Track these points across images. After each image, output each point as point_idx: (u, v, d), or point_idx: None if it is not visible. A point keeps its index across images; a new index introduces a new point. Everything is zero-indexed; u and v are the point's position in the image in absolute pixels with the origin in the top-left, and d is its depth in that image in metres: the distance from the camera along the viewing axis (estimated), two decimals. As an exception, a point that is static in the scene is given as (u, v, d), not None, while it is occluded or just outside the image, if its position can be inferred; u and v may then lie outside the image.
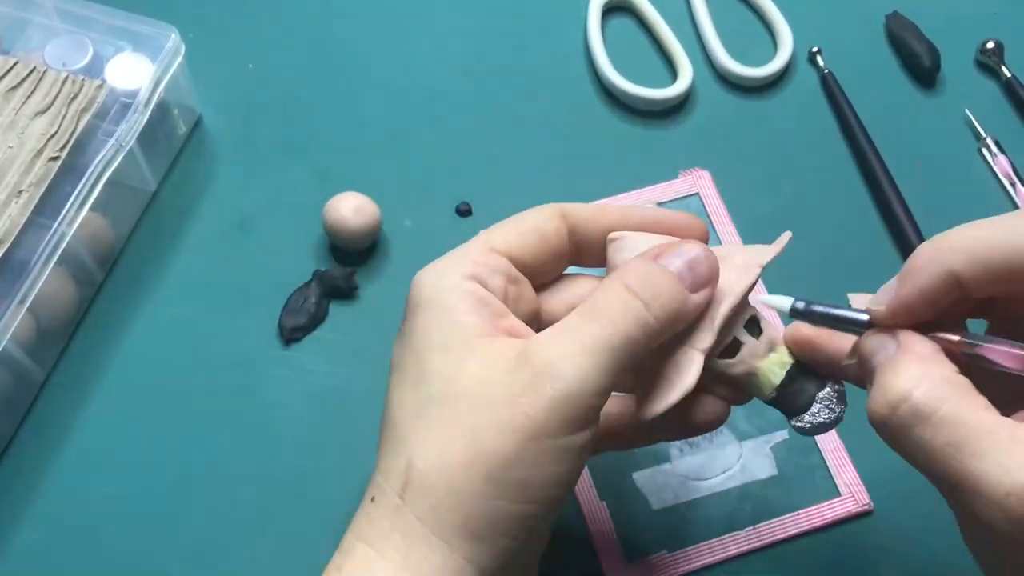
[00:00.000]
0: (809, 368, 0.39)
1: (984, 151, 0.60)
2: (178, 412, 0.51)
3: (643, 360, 0.37)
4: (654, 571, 0.48)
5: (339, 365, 0.53)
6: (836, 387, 0.39)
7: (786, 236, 0.40)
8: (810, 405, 0.39)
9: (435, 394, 0.36)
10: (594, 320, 0.35)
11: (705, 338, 0.37)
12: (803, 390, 0.39)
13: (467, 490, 0.35)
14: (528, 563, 0.40)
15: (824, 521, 0.50)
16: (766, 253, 0.40)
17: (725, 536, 0.49)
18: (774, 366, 0.39)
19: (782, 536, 0.49)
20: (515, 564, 0.37)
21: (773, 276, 0.56)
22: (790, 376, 0.39)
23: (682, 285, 0.36)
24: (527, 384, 0.35)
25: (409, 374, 0.37)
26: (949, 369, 0.33)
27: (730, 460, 0.51)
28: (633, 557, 0.49)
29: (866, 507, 0.50)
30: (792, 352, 0.39)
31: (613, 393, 0.37)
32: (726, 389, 0.40)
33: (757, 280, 0.39)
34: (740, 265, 0.39)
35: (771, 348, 0.39)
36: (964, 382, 0.33)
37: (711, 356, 0.38)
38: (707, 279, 0.37)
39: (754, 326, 0.39)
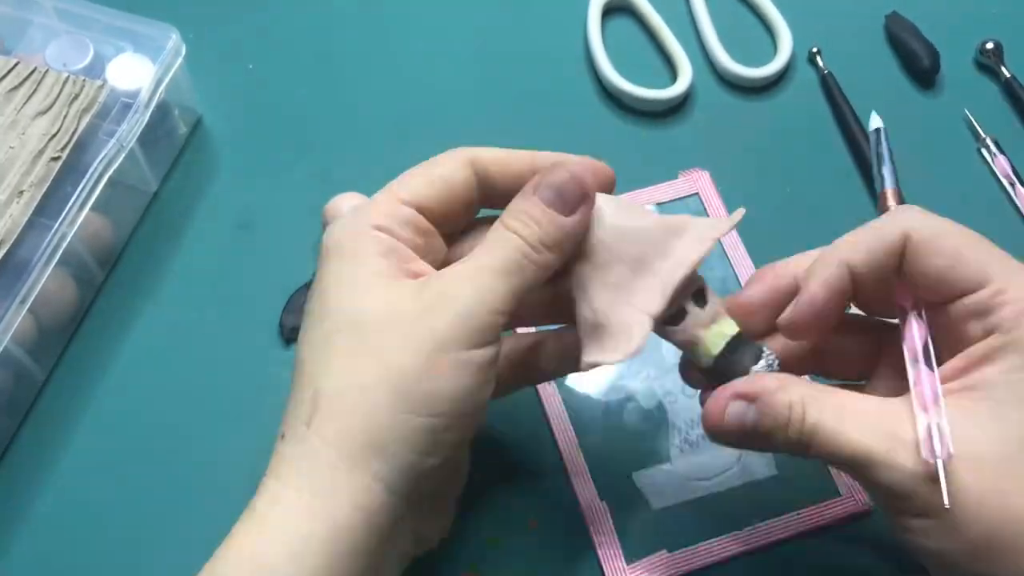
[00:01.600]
0: (748, 341, 0.41)
1: (983, 151, 0.60)
2: (179, 412, 0.52)
3: (582, 305, 0.40)
4: (654, 571, 0.48)
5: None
6: (771, 358, 0.41)
7: (740, 212, 0.42)
8: (744, 374, 0.40)
9: (341, 325, 0.38)
10: (484, 253, 0.38)
11: (655, 302, 0.39)
12: (739, 360, 0.40)
13: (373, 406, 0.36)
14: (439, 503, 0.42)
15: (824, 521, 0.50)
16: (720, 226, 0.41)
17: (725, 536, 0.49)
18: (716, 337, 0.40)
19: (782, 536, 0.49)
20: (426, 494, 0.39)
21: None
22: (729, 347, 0.40)
23: (553, 211, 0.38)
24: (429, 305, 0.37)
25: (315, 314, 0.39)
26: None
27: (730, 460, 0.51)
28: (633, 557, 0.49)
29: (865, 507, 0.50)
30: (736, 323, 0.41)
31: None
32: None
33: (708, 252, 0.40)
34: (694, 237, 0.40)
35: (714, 320, 0.41)
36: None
37: (660, 318, 0.40)
38: (577, 200, 0.39)
39: (700, 297, 0.41)
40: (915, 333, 0.39)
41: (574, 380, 0.53)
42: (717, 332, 0.40)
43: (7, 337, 0.46)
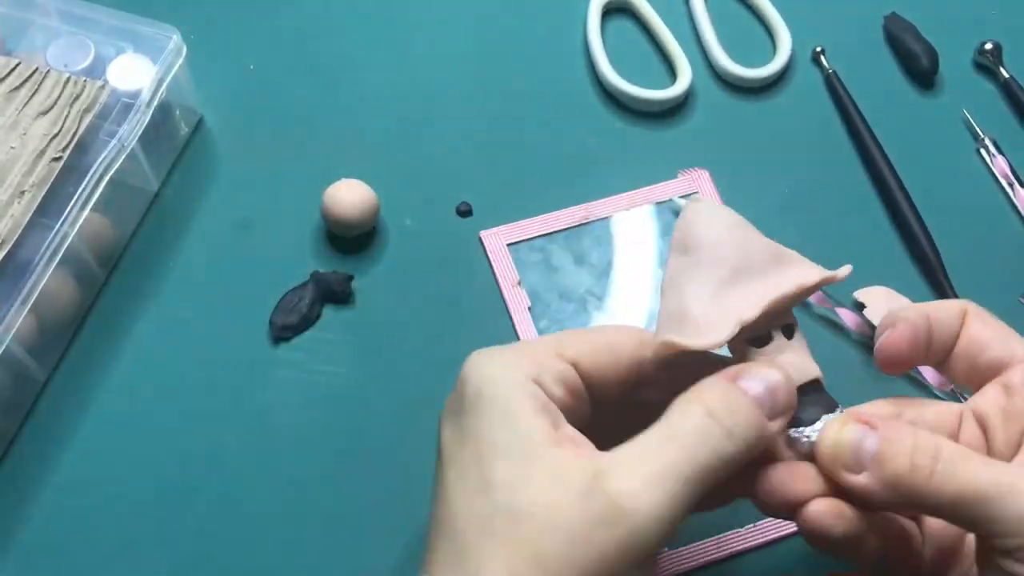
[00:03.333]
0: (826, 391, 0.38)
1: (982, 152, 0.60)
2: (179, 411, 0.52)
3: (670, 296, 0.38)
4: (656, 568, 0.49)
5: (337, 365, 0.53)
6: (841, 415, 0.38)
7: (847, 269, 0.40)
8: (814, 422, 0.37)
9: (500, 506, 0.34)
10: (671, 446, 0.34)
11: (750, 309, 0.37)
12: (814, 405, 0.38)
13: None
14: None
15: (824, 519, 0.50)
16: (833, 274, 0.39)
17: (727, 533, 0.49)
18: (797, 372, 0.38)
19: (784, 533, 0.49)
20: None
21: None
22: (806, 387, 0.38)
23: (762, 412, 0.35)
24: (600, 518, 0.33)
25: (471, 478, 0.35)
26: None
27: (731, 458, 0.51)
28: (634, 555, 0.49)
29: (866, 505, 0.50)
30: (818, 369, 0.38)
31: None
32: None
33: (816, 286, 0.39)
34: (807, 267, 0.39)
35: (798, 356, 0.38)
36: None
37: (746, 332, 0.37)
38: (785, 407, 0.36)
39: (789, 331, 0.39)
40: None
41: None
42: (799, 368, 0.38)
43: (8, 337, 0.46)
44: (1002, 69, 0.63)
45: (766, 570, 0.49)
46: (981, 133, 0.61)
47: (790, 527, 0.49)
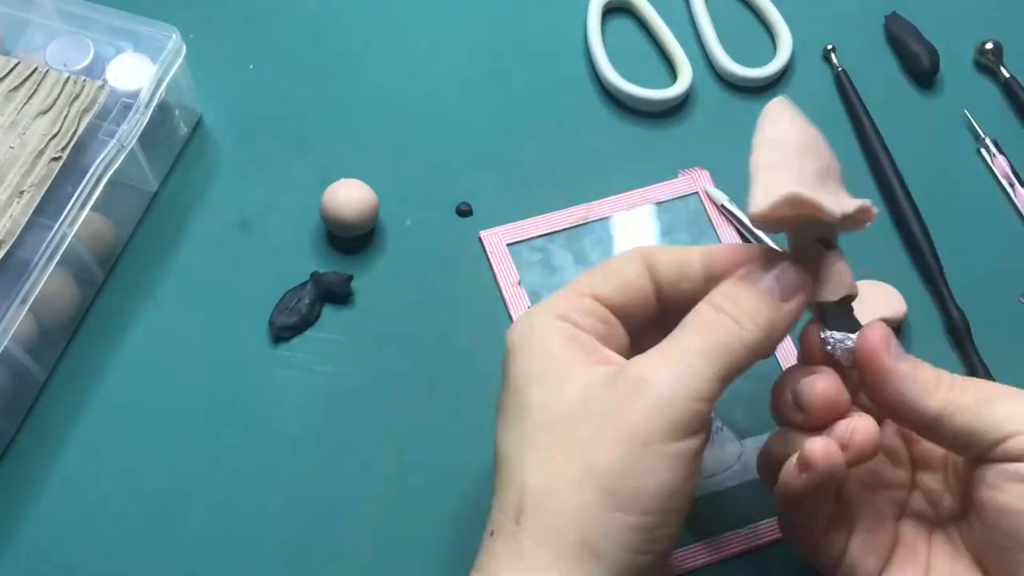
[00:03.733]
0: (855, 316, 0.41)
1: (983, 151, 0.60)
2: (179, 411, 0.52)
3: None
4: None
5: (337, 365, 0.53)
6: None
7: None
8: (850, 331, 0.40)
9: (539, 421, 0.37)
10: (683, 334, 0.37)
11: (851, 204, 0.39)
12: (848, 319, 0.41)
13: (582, 506, 0.35)
14: None
15: (824, 520, 0.50)
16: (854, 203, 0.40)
17: (726, 534, 0.49)
18: (850, 280, 0.40)
19: (782, 535, 0.49)
20: None
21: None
22: (841, 302, 0.40)
23: (771, 298, 0.38)
24: (625, 395, 0.36)
25: (511, 411, 0.38)
26: None
27: (731, 458, 0.51)
28: (634, 556, 0.49)
29: (866, 506, 0.50)
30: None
31: None
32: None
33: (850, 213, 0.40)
34: (836, 191, 0.40)
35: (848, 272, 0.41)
36: None
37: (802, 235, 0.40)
38: (797, 286, 0.39)
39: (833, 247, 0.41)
40: None
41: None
42: (851, 281, 0.41)
43: (7, 337, 0.46)
44: (1003, 69, 0.63)
45: (766, 571, 0.49)
46: (982, 133, 0.60)
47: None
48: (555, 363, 0.38)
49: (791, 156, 0.40)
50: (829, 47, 0.63)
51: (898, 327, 0.54)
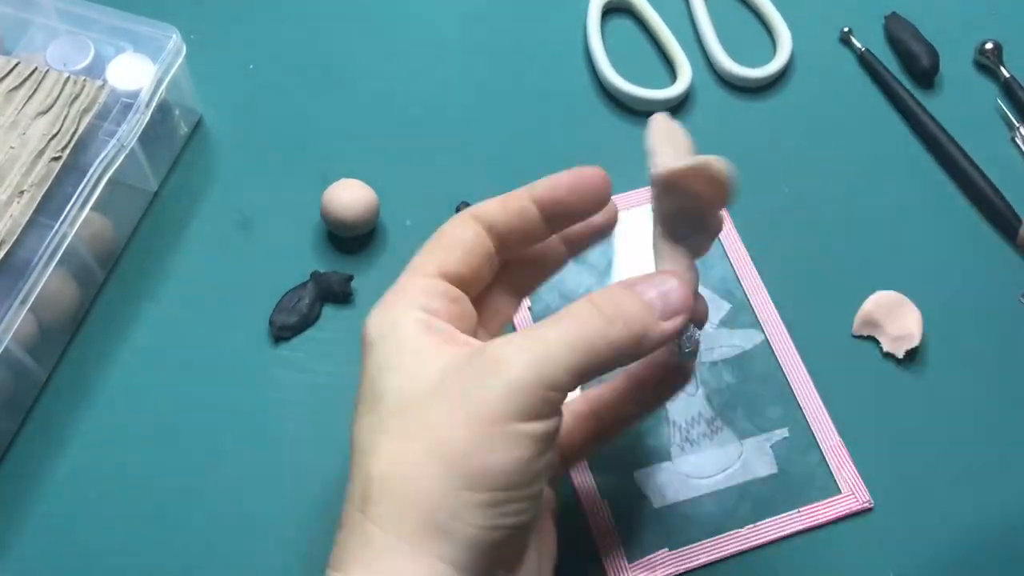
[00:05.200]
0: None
1: (1017, 140, 0.61)
2: (179, 411, 0.52)
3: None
4: (655, 569, 0.49)
5: (337, 365, 0.53)
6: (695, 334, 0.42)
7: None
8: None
9: (391, 407, 0.36)
10: (554, 325, 0.37)
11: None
12: None
13: (426, 484, 0.35)
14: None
15: (824, 519, 0.50)
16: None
17: (726, 534, 0.49)
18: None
19: (783, 534, 0.49)
20: (505, 569, 0.37)
21: (771, 274, 0.56)
22: None
23: (651, 312, 0.38)
24: (478, 375, 0.35)
25: (365, 401, 0.37)
26: None
27: (731, 458, 0.51)
28: (634, 555, 0.49)
29: (866, 504, 0.50)
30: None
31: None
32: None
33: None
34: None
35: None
36: None
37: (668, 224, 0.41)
38: (678, 308, 0.38)
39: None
40: None
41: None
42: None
43: (8, 337, 0.46)
44: (1003, 69, 0.63)
45: (766, 570, 0.49)
46: (1016, 122, 0.61)
47: (790, 528, 0.49)
48: (411, 352, 0.37)
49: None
50: (846, 29, 0.64)
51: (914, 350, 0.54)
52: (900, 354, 0.53)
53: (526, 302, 0.55)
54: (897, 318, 0.54)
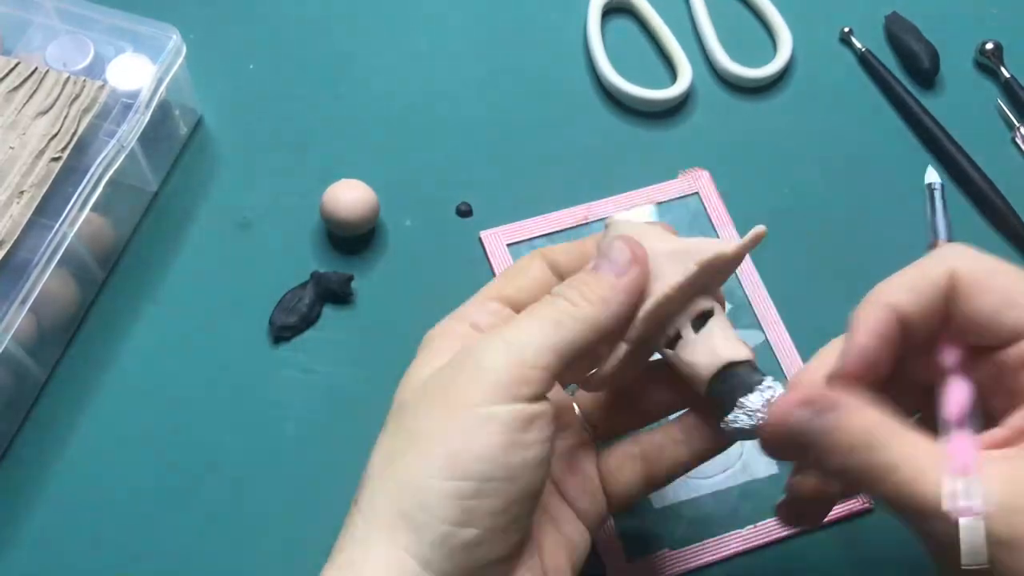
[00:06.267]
0: (750, 370, 0.38)
1: (1017, 140, 0.61)
2: (179, 411, 0.52)
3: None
4: (656, 569, 0.49)
5: (337, 365, 0.53)
6: (770, 391, 0.37)
7: (760, 230, 0.39)
8: (732, 410, 0.37)
9: (396, 407, 0.38)
10: (524, 313, 0.38)
11: (633, 329, 0.39)
12: (732, 388, 0.37)
13: (402, 473, 0.35)
14: None
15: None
16: (710, 250, 0.38)
17: (726, 534, 0.49)
18: (709, 359, 0.38)
19: (783, 534, 0.49)
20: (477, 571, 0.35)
21: (771, 274, 0.56)
22: (723, 375, 0.38)
23: (601, 275, 0.38)
24: (455, 365, 0.37)
25: (393, 412, 0.39)
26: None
27: (731, 458, 0.51)
28: (635, 555, 0.49)
29: (866, 505, 0.50)
30: (744, 349, 0.38)
31: None
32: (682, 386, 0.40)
33: (690, 277, 0.38)
34: (681, 262, 0.38)
35: (713, 345, 0.38)
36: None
37: (640, 343, 0.39)
38: (625, 261, 0.38)
39: (700, 322, 0.39)
40: (955, 396, 0.35)
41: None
42: (712, 357, 0.38)
43: (8, 337, 0.46)
44: (1003, 69, 0.63)
45: (766, 570, 0.49)
46: (1016, 122, 0.61)
47: (790, 529, 0.49)
48: (433, 357, 0.38)
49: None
50: (846, 29, 0.64)
51: None
52: None
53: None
54: None
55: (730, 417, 0.37)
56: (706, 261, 0.38)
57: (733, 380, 0.38)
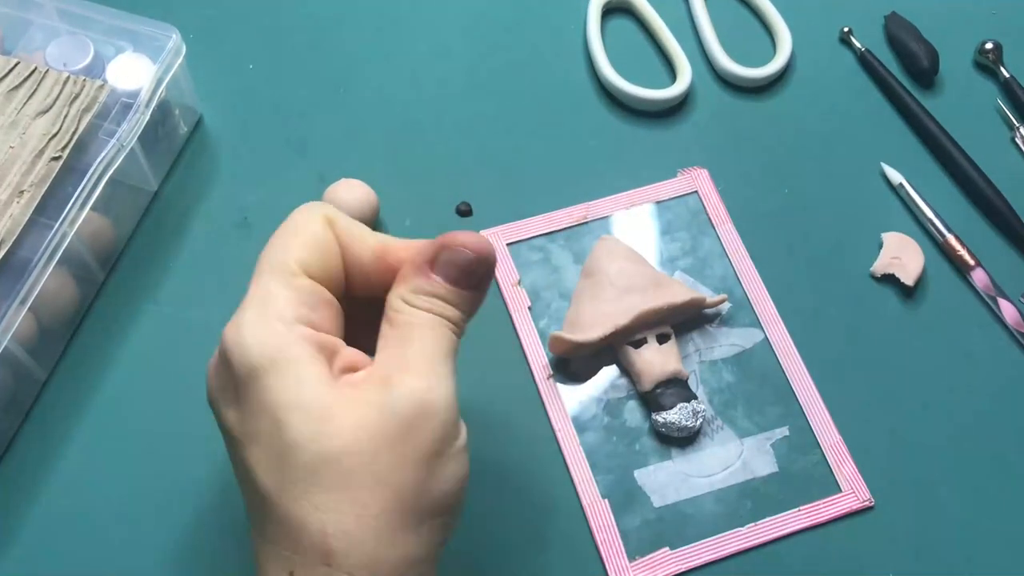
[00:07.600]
0: (687, 387, 0.52)
1: (1017, 140, 0.61)
2: (179, 411, 0.51)
3: (571, 310, 0.53)
4: (656, 568, 0.48)
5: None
6: (699, 407, 0.51)
7: (720, 298, 0.54)
8: (672, 408, 0.51)
9: (316, 462, 0.35)
10: (425, 345, 0.38)
11: (623, 318, 0.51)
12: (672, 395, 0.51)
13: (396, 532, 0.36)
14: None
15: (825, 517, 0.50)
16: (697, 297, 0.53)
17: (727, 533, 0.49)
18: (657, 372, 0.51)
19: (783, 532, 0.49)
20: None
21: (770, 273, 0.56)
22: (663, 383, 0.51)
23: (458, 290, 0.39)
24: (411, 421, 0.36)
25: (273, 447, 0.36)
26: None
27: (731, 457, 0.51)
28: (635, 554, 0.49)
29: (867, 503, 0.50)
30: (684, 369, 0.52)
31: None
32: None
33: (684, 302, 0.52)
34: (678, 291, 0.53)
35: (665, 360, 0.51)
36: None
37: (622, 334, 0.52)
38: (485, 277, 0.40)
39: (665, 338, 0.52)
40: None
41: (574, 379, 0.53)
42: (660, 364, 0.51)
43: (7, 337, 0.46)
44: (1002, 69, 0.63)
45: (767, 569, 0.49)
46: (1016, 121, 0.61)
47: (790, 527, 0.49)
48: (310, 388, 0.36)
49: (589, 290, 0.54)
50: (846, 29, 0.64)
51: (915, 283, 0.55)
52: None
53: (525, 301, 0.55)
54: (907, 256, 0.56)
55: (665, 413, 0.51)
56: (699, 297, 0.53)
57: (668, 389, 0.51)
